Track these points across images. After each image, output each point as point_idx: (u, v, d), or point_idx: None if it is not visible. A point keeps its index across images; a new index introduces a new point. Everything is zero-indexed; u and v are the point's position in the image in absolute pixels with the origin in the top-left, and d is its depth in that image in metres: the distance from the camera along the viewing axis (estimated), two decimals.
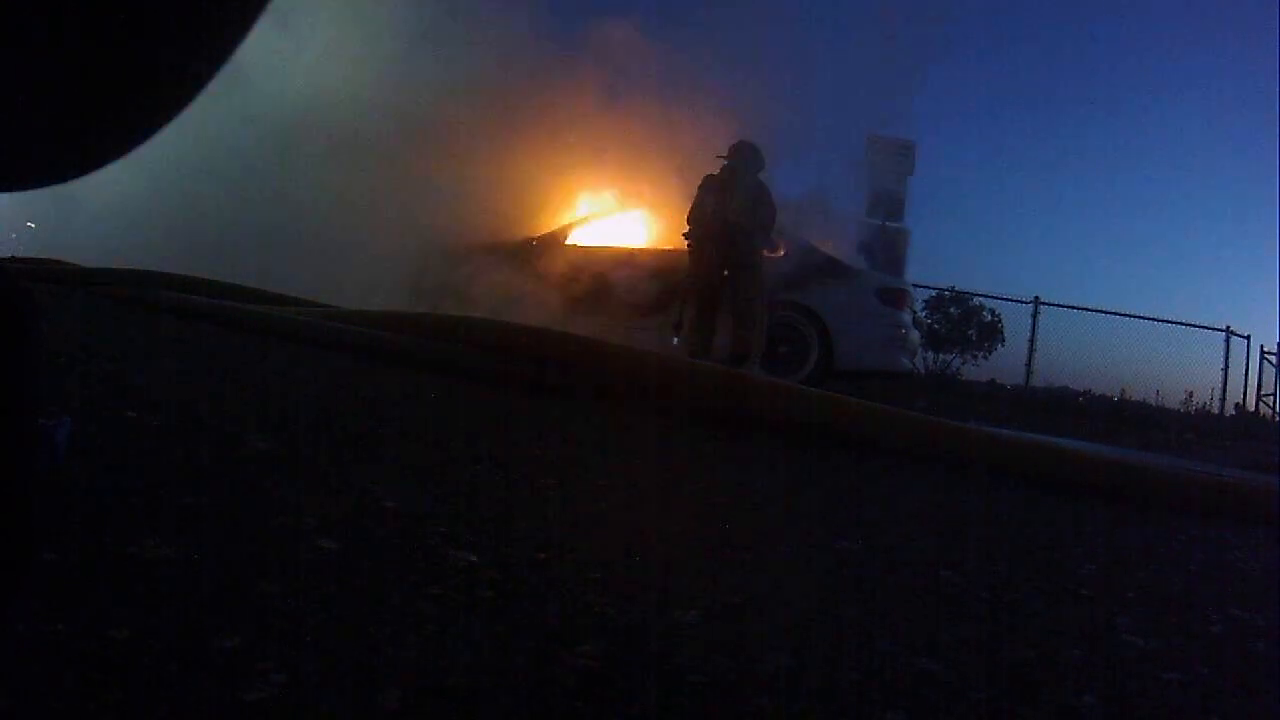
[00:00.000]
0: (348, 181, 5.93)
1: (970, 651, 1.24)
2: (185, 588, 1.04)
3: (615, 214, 6.24)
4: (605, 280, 5.46)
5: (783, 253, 5.58)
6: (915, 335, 6.63)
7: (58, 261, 5.31)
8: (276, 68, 5.44)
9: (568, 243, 6.02)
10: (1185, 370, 11.81)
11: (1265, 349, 11.93)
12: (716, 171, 5.17)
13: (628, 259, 5.69)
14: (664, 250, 5.65)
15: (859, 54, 6.82)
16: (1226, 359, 11.48)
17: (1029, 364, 11.28)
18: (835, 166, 7.30)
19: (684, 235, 5.14)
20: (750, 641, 1.16)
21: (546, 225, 6.24)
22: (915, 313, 7.18)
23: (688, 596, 1.28)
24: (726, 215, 4.96)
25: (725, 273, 5.05)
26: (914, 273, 9.25)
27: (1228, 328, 11.49)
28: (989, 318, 12.47)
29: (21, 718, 0.76)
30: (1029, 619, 1.45)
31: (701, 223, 5.04)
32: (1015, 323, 11.79)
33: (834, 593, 1.44)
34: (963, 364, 12.45)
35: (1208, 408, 11.34)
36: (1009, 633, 1.36)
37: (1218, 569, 2.12)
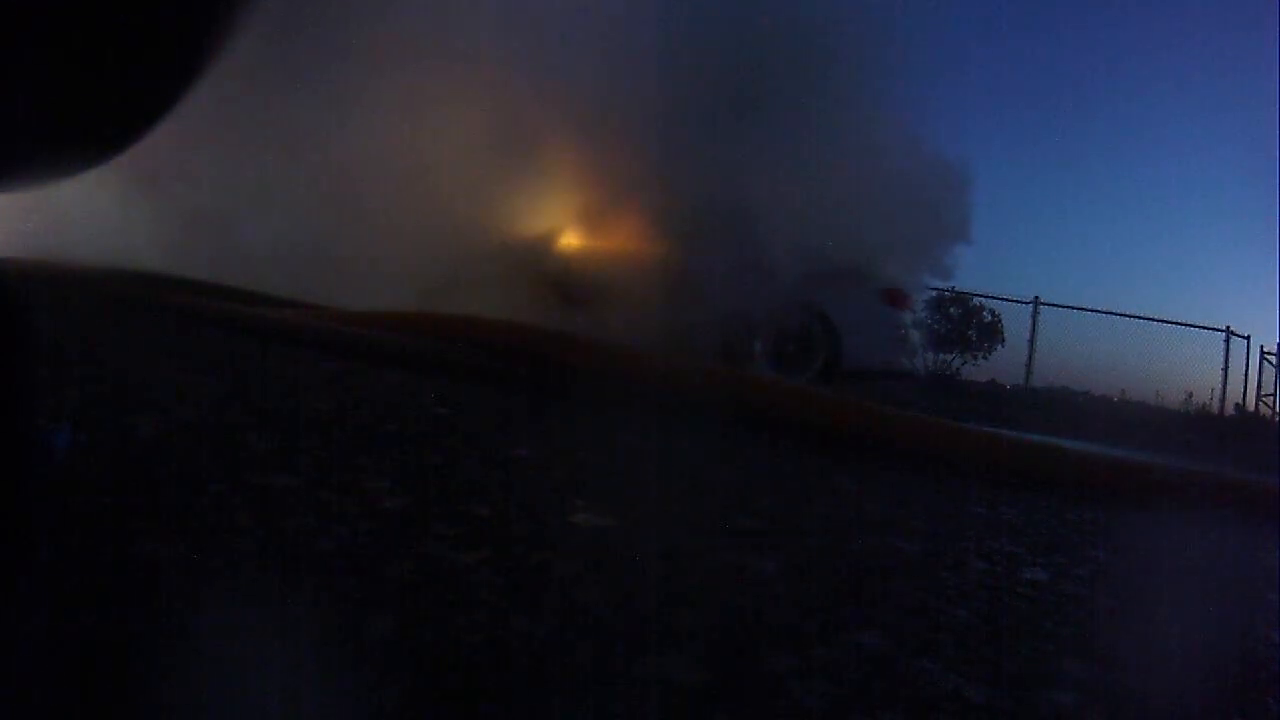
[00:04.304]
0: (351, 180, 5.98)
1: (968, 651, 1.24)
2: (185, 589, 1.04)
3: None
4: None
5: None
6: (916, 335, 6.67)
7: (55, 262, 5.31)
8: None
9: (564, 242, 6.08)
10: (1185, 370, 11.85)
11: (1265, 349, 11.97)
12: None
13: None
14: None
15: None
16: (1226, 359, 11.52)
17: (1029, 364, 11.31)
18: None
19: None
20: (751, 646, 1.16)
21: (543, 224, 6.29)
22: (916, 313, 7.21)
23: (689, 598, 1.28)
24: None
25: None
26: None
27: (1228, 328, 11.53)
28: (989, 318, 12.50)
29: (20, 718, 0.76)
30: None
31: None
32: (1015, 323, 11.83)
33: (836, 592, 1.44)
34: (963, 364, 12.48)
35: (1208, 408, 11.36)
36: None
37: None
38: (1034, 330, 11.33)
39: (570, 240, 6.28)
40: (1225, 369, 11.49)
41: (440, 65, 6.08)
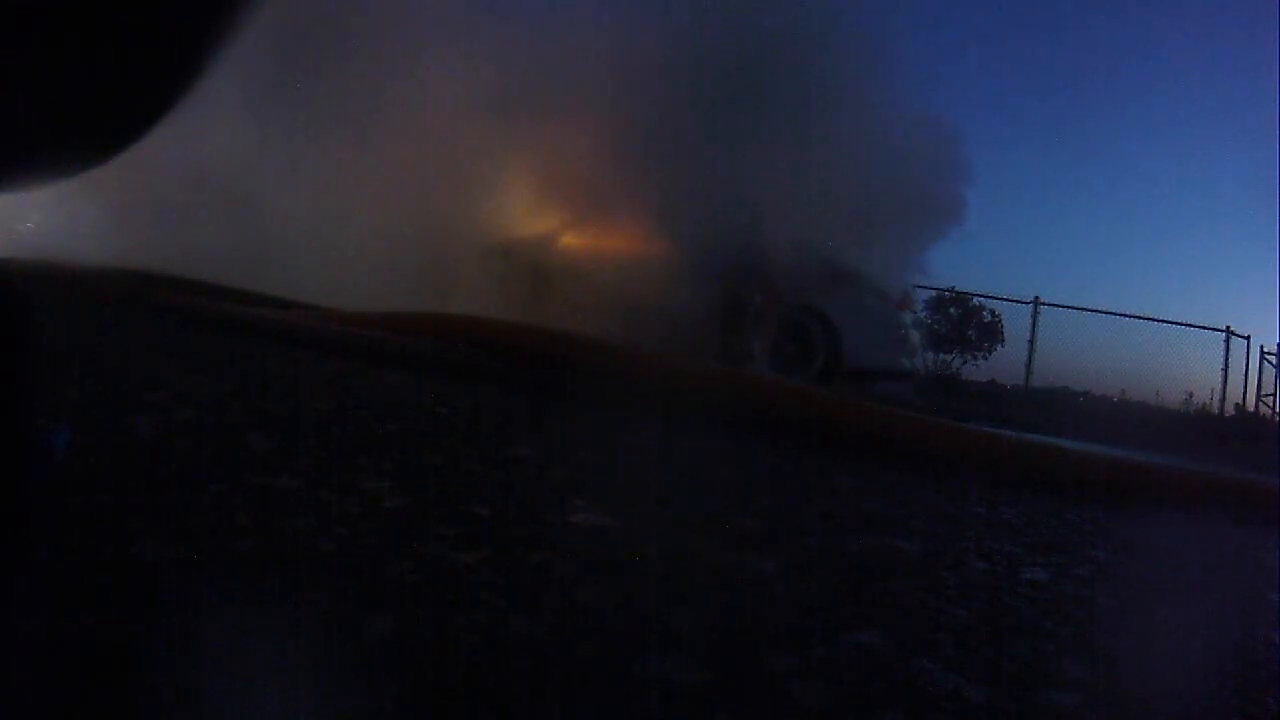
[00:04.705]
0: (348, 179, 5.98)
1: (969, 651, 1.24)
2: (185, 589, 1.04)
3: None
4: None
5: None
6: (916, 335, 6.68)
7: (55, 262, 5.31)
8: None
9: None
10: (1185, 370, 11.84)
11: (1265, 349, 11.96)
12: None
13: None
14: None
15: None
16: (1226, 359, 11.51)
17: (1029, 364, 11.30)
18: None
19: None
20: (751, 646, 1.16)
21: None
22: (916, 313, 7.22)
23: (688, 599, 1.28)
24: None
25: None
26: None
27: (1228, 328, 11.52)
28: (989, 318, 12.51)
29: (20, 718, 0.76)
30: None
31: None
32: (1015, 323, 11.82)
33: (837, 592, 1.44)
34: (963, 364, 12.49)
35: (1208, 408, 11.36)
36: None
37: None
38: (1034, 330, 11.33)
39: (568, 239, 6.28)
40: (1225, 369, 11.49)
41: (437, 60, 6.09)
